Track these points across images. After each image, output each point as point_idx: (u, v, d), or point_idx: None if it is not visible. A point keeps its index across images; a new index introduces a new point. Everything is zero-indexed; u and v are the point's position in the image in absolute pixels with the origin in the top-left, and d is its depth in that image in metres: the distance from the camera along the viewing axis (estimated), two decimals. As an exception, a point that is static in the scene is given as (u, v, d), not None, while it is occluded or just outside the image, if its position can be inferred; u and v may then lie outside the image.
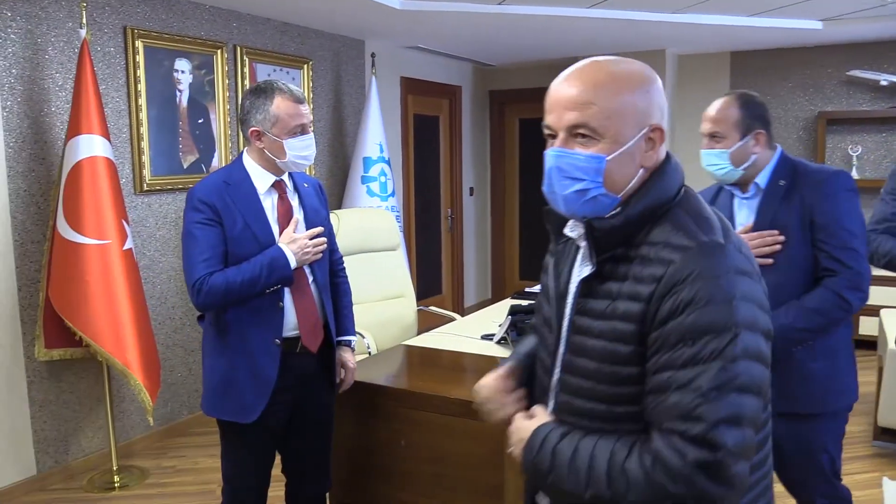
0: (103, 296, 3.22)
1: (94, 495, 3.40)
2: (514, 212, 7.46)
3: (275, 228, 2.20)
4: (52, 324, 3.27)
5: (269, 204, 2.22)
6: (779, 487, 2.72)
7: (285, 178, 2.27)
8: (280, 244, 2.16)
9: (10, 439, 3.33)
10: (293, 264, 2.15)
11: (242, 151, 2.26)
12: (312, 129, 2.25)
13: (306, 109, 2.19)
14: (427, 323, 3.99)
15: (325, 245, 2.27)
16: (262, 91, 2.16)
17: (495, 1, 4.38)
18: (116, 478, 3.51)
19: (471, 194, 7.22)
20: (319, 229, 2.25)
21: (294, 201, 2.29)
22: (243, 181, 2.19)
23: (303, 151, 2.18)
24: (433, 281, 6.73)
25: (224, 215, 2.12)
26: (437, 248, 6.78)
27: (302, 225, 2.27)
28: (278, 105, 2.13)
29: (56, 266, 3.22)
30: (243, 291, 2.10)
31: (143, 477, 3.58)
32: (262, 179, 2.21)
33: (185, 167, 4.07)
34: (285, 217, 2.24)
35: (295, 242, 2.17)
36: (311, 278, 2.27)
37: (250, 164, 2.22)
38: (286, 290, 2.20)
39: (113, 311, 3.24)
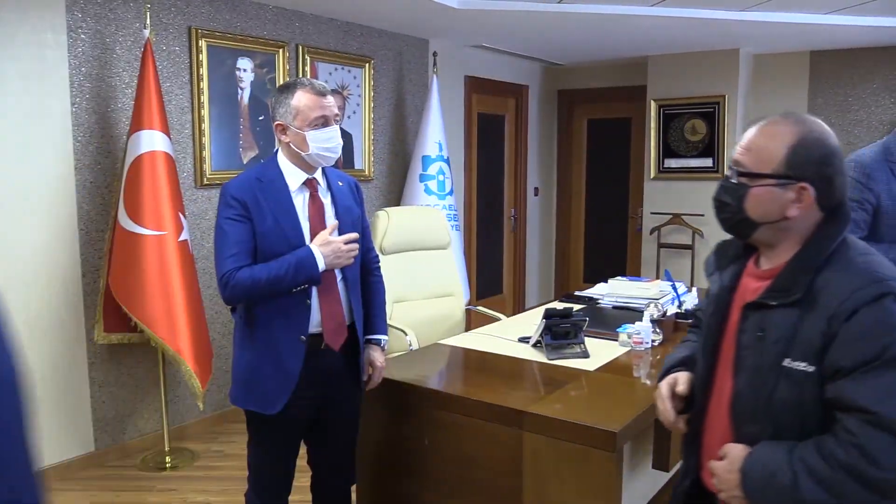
0: (159, 284, 3.37)
1: (146, 474, 3.57)
2: (581, 213, 7.35)
3: (305, 226, 2.23)
4: (111, 309, 3.45)
5: (301, 201, 2.26)
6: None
7: (318, 176, 2.31)
8: (312, 245, 2.19)
9: (71, 416, 3.54)
10: (321, 266, 2.16)
11: (277, 150, 2.32)
12: (339, 121, 2.28)
13: (330, 102, 2.22)
14: (479, 322, 3.98)
15: (357, 250, 2.28)
16: (286, 87, 2.22)
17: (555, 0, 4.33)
18: (168, 458, 3.68)
19: (536, 194, 7.16)
20: (355, 235, 2.26)
21: (326, 199, 2.32)
22: (276, 178, 2.24)
23: (326, 143, 2.20)
24: (493, 280, 6.71)
25: (254, 211, 2.18)
26: (499, 247, 6.76)
27: (336, 231, 2.30)
28: (299, 98, 2.18)
29: (116, 255, 3.40)
30: (268, 288, 2.14)
31: (193, 459, 3.73)
32: (294, 177, 2.25)
33: (244, 162, 4.21)
34: (316, 215, 2.27)
35: (328, 245, 2.18)
36: (339, 276, 2.30)
37: (283, 161, 2.27)
38: (314, 288, 2.23)
39: (167, 299, 3.39)
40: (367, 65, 4.96)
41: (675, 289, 3.37)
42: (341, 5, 4.37)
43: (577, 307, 3.36)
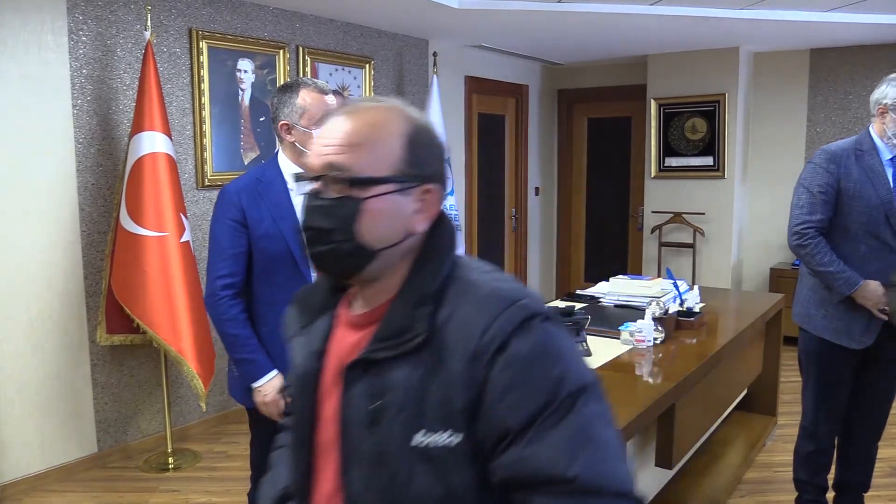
0: (160, 285, 3.38)
1: (149, 475, 3.57)
2: (581, 212, 7.35)
3: (305, 224, 2.24)
4: (114, 311, 3.45)
5: (301, 201, 2.26)
6: None
7: (318, 175, 2.32)
8: (264, 386, 2.19)
9: (73, 418, 3.54)
10: (255, 385, 2.20)
11: (278, 150, 2.32)
12: None
13: (332, 100, 2.23)
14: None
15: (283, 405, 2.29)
16: (289, 87, 2.22)
17: (555, -1, 4.34)
18: (171, 459, 3.68)
19: (536, 194, 7.17)
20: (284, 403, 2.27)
21: (327, 198, 2.33)
22: (276, 178, 2.25)
23: None
24: (495, 280, 6.70)
25: (251, 214, 2.18)
26: (501, 247, 6.76)
27: (280, 399, 2.33)
28: (304, 97, 2.19)
29: (117, 256, 3.40)
30: (225, 342, 2.22)
31: (196, 460, 3.73)
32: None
33: (245, 163, 4.21)
34: None
35: (271, 404, 2.20)
36: (341, 275, 2.31)
37: (284, 161, 2.27)
38: (316, 285, 2.24)
39: (169, 300, 3.39)
40: (367, 65, 4.97)
41: (676, 287, 3.37)
42: (341, 6, 4.38)
43: (578, 306, 3.36)
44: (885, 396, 2.85)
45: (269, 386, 2.20)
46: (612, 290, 3.69)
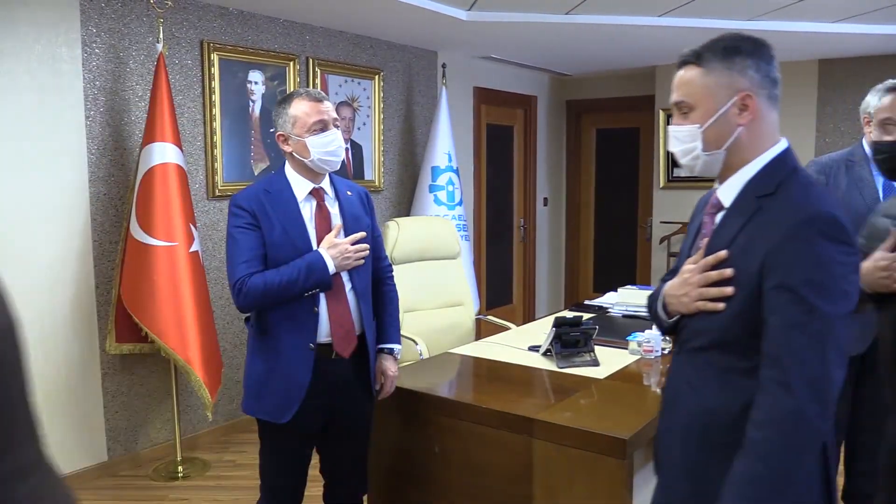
0: (169, 295, 3.40)
1: (159, 483, 3.59)
2: (590, 222, 7.36)
3: (312, 235, 2.26)
4: (123, 320, 3.48)
5: (308, 211, 2.28)
6: None
7: (325, 185, 2.33)
8: (320, 249, 2.22)
9: (84, 427, 3.57)
10: (332, 269, 2.20)
11: (285, 161, 2.35)
12: (339, 127, 2.30)
13: (327, 107, 2.25)
14: (489, 332, 3.99)
15: (367, 252, 2.31)
16: (284, 98, 2.27)
17: (563, 10, 4.36)
18: (180, 468, 3.70)
19: (545, 204, 7.18)
20: (361, 235, 2.29)
21: (334, 209, 2.34)
22: (283, 189, 2.27)
23: (326, 147, 2.22)
24: (503, 290, 6.72)
25: (262, 220, 2.21)
26: (509, 257, 6.77)
27: (342, 233, 2.32)
28: (296, 106, 2.23)
29: (128, 266, 3.43)
30: (281, 293, 2.17)
31: (205, 469, 3.75)
32: (301, 187, 2.28)
33: (255, 174, 4.25)
34: (322, 224, 2.29)
35: (335, 248, 2.22)
36: (348, 286, 2.31)
37: (290, 172, 2.30)
38: (322, 296, 2.25)
39: (178, 309, 3.42)
40: (376, 77, 5.01)
41: (684, 297, 3.37)
42: (351, 18, 4.42)
43: (587, 316, 3.37)
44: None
45: (333, 251, 2.19)
46: (621, 300, 3.70)
